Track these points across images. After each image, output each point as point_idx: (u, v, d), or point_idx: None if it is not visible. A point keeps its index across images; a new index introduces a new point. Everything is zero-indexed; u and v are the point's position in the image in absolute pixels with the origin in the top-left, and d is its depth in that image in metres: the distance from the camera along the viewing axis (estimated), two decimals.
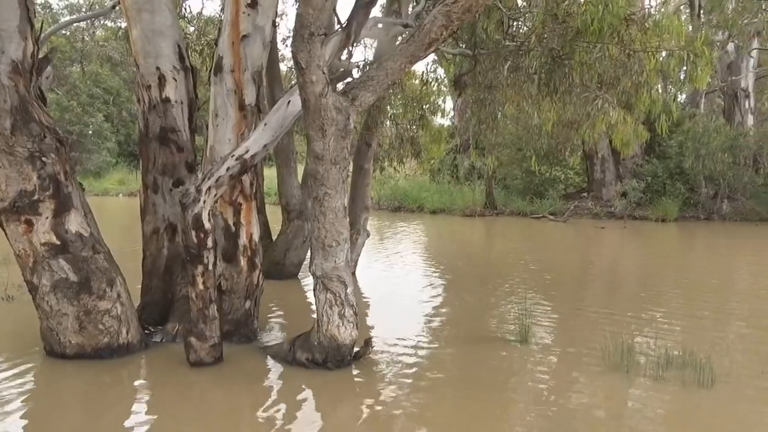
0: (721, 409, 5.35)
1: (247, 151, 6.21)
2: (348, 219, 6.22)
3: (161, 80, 7.02)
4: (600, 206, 20.53)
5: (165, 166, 7.11)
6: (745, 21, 18.48)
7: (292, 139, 10.62)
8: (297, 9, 5.67)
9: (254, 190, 7.02)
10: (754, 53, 21.06)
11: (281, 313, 8.39)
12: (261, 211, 9.82)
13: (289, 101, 6.42)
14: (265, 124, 6.35)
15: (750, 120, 21.03)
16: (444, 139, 13.99)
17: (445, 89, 13.28)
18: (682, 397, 5.52)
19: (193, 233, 5.91)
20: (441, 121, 21.44)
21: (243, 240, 6.89)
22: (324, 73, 5.69)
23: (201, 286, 5.99)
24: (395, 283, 10.74)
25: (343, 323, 6.03)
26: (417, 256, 13.52)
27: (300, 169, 10.73)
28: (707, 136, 18.74)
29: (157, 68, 7.00)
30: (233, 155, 6.15)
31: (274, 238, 10.77)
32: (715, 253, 14.77)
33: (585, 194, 22.11)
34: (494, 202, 21.19)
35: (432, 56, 11.85)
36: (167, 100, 7.06)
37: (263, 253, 7.49)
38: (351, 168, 10.91)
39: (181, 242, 6.22)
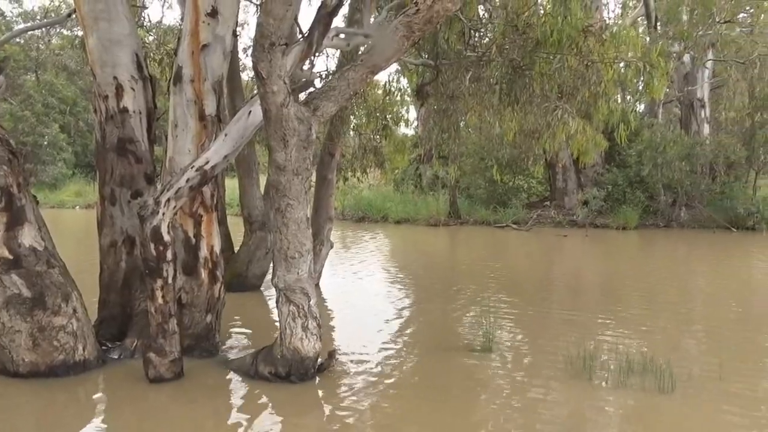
0: (680, 414, 5.42)
1: (207, 162, 6.12)
2: (311, 230, 6.17)
3: (119, 90, 6.89)
4: (562, 215, 20.79)
5: (123, 178, 6.97)
6: (700, 33, 18.96)
7: (254, 149, 10.52)
8: (258, 19, 5.62)
9: (215, 202, 6.92)
10: (709, 64, 21.60)
11: (243, 326, 8.27)
12: (222, 223, 9.69)
13: (250, 111, 6.36)
14: (226, 135, 6.27)
15: (706, 129, 21.55)
16: (407, 148, 14.05)
17: (408, 99, 13.34)
18: (642, 403, 5.58)
19: (152, 246, 5.79)
20: (405, 130, 21.54)
21: (204, 252, 6.78)
22: (285, 83, 5.64)
23: (160, 300, 5.86)
24: (359, 293, 10.69)
25: (306, 335, 5.96)
26: (381, 267, 13.48)
27: (262, 180, 10.63)
28: (665, 145, 19.13)
29: (115, 78, 6.87)
30: (193, 166, 6.06)
31: (236, 249, 10.64)
32: (674, 260, 15.05)
33: (547, 203, 22.37)
34: (458, 211, 21.30)
35: (395, 66, 11.89)
36: (125, 111, 6.93)
37: (225, 266, 7.38)
38: (314, 178, 10.86)
39: (140, 255, 6.09)
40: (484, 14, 9.44)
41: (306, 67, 7.49)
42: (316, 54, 7.28)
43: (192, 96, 6.66)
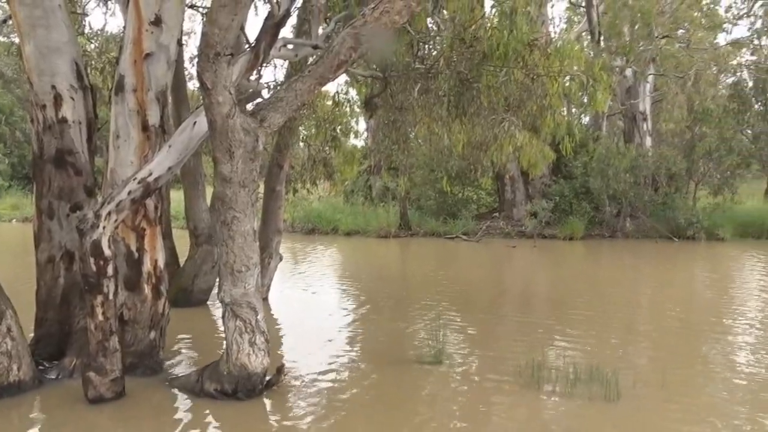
0: (625, 422, 5.49)
1: (150, 174, 5.96)
2: (258, 243, 6.06)
3: (57, 99, 6.64)
4: (511, 226, 21.03)
5: (61, 190, 6.71)
6: (641, 48, 19.53)
7: (200, 160, 10.31)
8: (203, 28, 5.52)
9: (159, 215, 6.74)
10: (650, 78, 22.25)
11: (189, 342, 8.05)
12: (167, 236, 9.49)
13: (195, 122, 6.23)
14: (170, 146, 6.13)
15: (648, 141, 22.17)
16: (357, 160, 14.00)
17: (358, 110, 13.30)
18: (589, 412, 5.66)
19: (92, 261, 5.60)
20: (354, 142, 21.51)
21: (147, 267, 6.58)
22: (231, 93, 5.55)
23: (100, 317, 5.66)
24: (309, 307, 10.55)
25: (253, 351, 5.84)
26: (331, 279, 13.38)
27: (209, 192, 10.39)
28: (610, 157, 19.58)
29: (53, 87, 6.62)
30: (135, 178, 5.90)
31: (182, 263, 10.39)
32: (620, 270, 15.37)
33: (497, 214, 22.61)
34: (408, 222, 21.34)
35: (344, 77, 11.86)
36: (64, 121, 6.68)
37: (170, 280, 7.21)
38: (262, 190, 10.71)
39: (79, 270, 5.87)
40: (432, 26, 9.49)
41: (253, 77, 7.36)
42: (264, 64, 7.17)
43: (134, 106, 6.49)
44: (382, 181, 24.19)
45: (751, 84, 21.27)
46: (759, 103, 20.52)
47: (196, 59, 5.54)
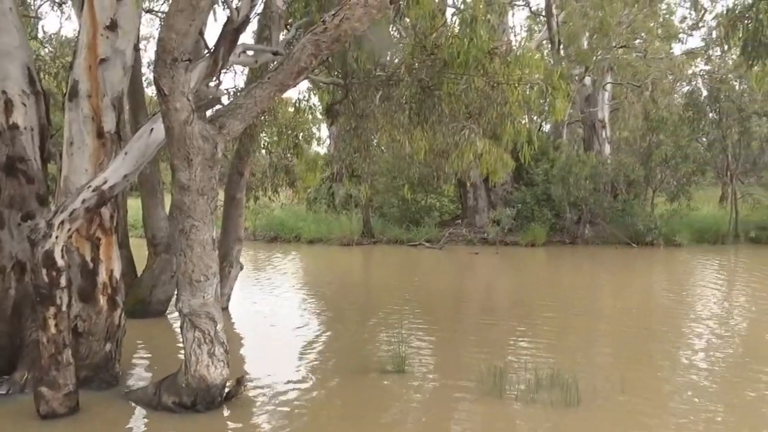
0: (585, 426, 5.54)
1: (105, 182, 5.82)
2: (218, 252, 5.96)
3: (8, 105, 6.45)
4: (474, 233, 21.12)
5: (12, 198, 6.49)
6: (599, 57, 19.85)
7: (158, 168, 10.13)
8: (159, 33, 5.41)
9: (115, 224, 6.58)
10: (608, 87, 22.64)
11: (147, 354, 7.89)
12: (124, 246, 9.28)
13: (152, 129, 6.11)
14: (126, 153, 6.00)
15: (607, 149, 22.51)
16: (319, 167, 13.93)
17: (320, 117, 13.25)
18: (550, 418, 5.68)
19: (44, 271, 5.43)
20: (317, 149, 21.43)
21: (102, 277, 6.42)
22: (189, 100, 5.45)
23: (53, 330, 5.49)
24: (270, 316, 10.42)
25: (213, 362, 5.73)
26: (293, 288, 13.25)
27: (167, 200, 10.23)
28: (570, 165, 19.83)
29: (3, 92, 6.43)
30: (90, 186, 5.75)
31: (139, 273, 10.16)
32: (580, 277, 15.55)
33: (459, 221, 22.68)
34: (371, 230, 21.28)
35: (306, 84, 11.79)
36: (15, 127, 6.48)
37: (127, 291, 7.05)
38: (223, 198, 10.57)
39: (31, 281, 5.70)
40: (395, 34, 9.50)
41: (213, 83, 7.26)
42: (223, 70, 7.08)
43: (89, 112, 6.35)
44: (345, 188, 24.09)
45: (705, 93, 21.75)
46: (713, 112, 20.97)
47: (153, 65, 5.42)
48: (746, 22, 8.64)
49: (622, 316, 10.28)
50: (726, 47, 14.55)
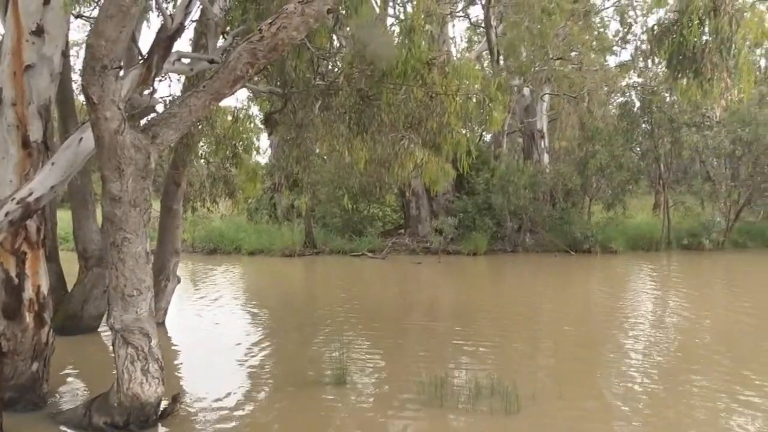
0: None
1: (30, 194, 5.59)
2: (154, 264, 5.80)
3: None
4: (416, 242, 21.19)
5: None
6: (537, 68, 20.25)
7: (90, 179, 9.78)
8: (87, 39, 5.23)
9: (42, 237, 6.31)
10: (546, 98, 23.11)
11: (77, 373, 7.58)
12: (53, 260, 8.94)
13: (82, 138, 5.91)
14: (53, 164, 5.78)
15: (546, 158, 22.95)
16: (260, 177, 13.72)
17: (261, 126, 13.06)
18: (490, 425, 5.75)
19: None
20: (258, 159, 21.12)
21: (28, 293, 6.14)
22: (120, 108, 5.28)
23: None
24: (209, 331, 10.16)
25: (147, 379, 5.54)
26: (234, 301, 12.98)
27: (100, 212, 9.88)
28: (510, 174, 20.13)
29: None
30: (14, 198, 5.51)
31: (70, 288, 9.75)
32: (521, 285, 15.77)
33: (402, 231, 22.72)
34: (314, 241, 21.08)
35: (246, 93, 11.63)
36: None
37: (56, 306, 6.76)
38: (159, 209, 10.29)
39: None
40: (336, 43, 9.45)
41: (147, 92, 7.06)
42: (158, 78, 6.89)
43: (14, 120, 6.08)
44: (287, 198, 23.83)
45: (638, 104, 22.43)
46: (645, 123, 21.65)
47: (82, 72, 5.22)
48: (672, 36, 8.94)
49: (561, 323, 10.44)
50: (651, 61, 15.08)
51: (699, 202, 22.33)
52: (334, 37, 9.19)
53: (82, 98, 13.73)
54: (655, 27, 9.70)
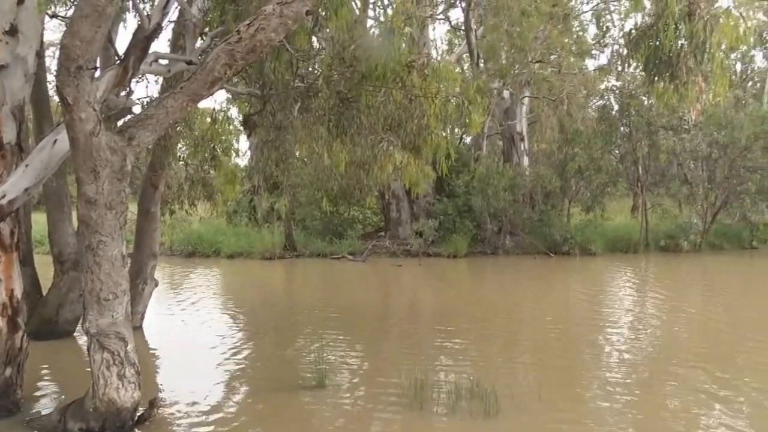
0: None
1: (3, 196, 5.54)
2: (131, 268, 5.73)
3: None
4: (397, 245, 21.17)
5: None
6: (517, 71, 20.36)
7: (66, 181, 9.63)
8: (62, 40, 5.15)
9: (16, 240, 6.20)
10: (526, 100, 23.24)
11: (52, 378, 7.47)
12: (27, 263, 8.81)
13: (56, 140, 5.83)
14: (27, 165, 5.69)
15: (525, 161, 23.07)
16: (239, 180, 13.63)
17: (240, 129, 12.98)
18: (469, 428, 5.73)
19: None
20: (238, 161, 20.98)
21: (2, 297, 6.03)
22: (95, 110, 5.21)
23: None
24: (188, 335, 10.07)
25: (123, 384, 5.48)
26: (212, 305, 12.86)
27: (76, 215, 9.74)
28: (490, 177, 20.21)
29: None
30: None
31: (45, 292, 9.61)
32: (501, 286, 15.82)
33: (383, 233, 22.70)
34: (294, 243, 20.99)
35: (225, 94, 11.55)
36: None
37: (31, 311, 6.65)
38: (136, 211, 10.19)
39: None
40: (317, 45, 9.42)
41: (123, 93, 6.99)
42: (134, 79, 6.82)
43: None
44: (267, 201, 23.69)
45: (616, 107, 22.65)
46: (624, 126, 21.85)
47: (56, 73, 5.16)
48: (648, 40, 9.03)
49: (540, 325, 10.49)
50: (627, 65, 15.25)
51: (676, 205, 22.59)
52: (314, 38, 9.19)
53: (57, 99, 13.59)
54: (632, 31, 9.79)
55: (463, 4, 21.18)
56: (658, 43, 8.73)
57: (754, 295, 13.70)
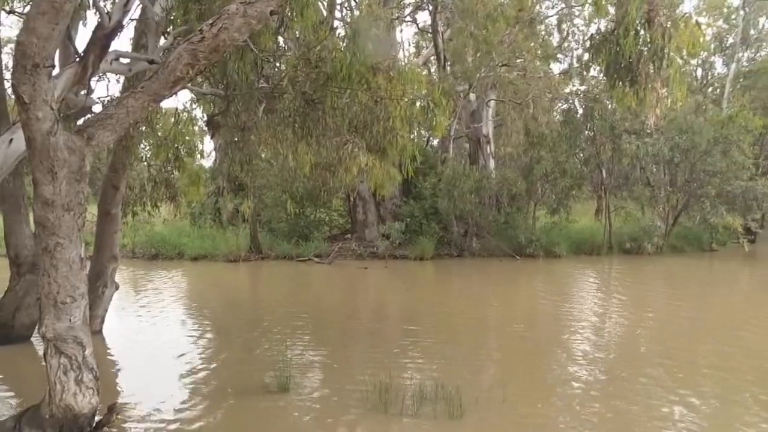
0: None
1: None
2: (91, 271, 5.60)
3: None
4: (363, 247, 21.12)
5: None
6: (483, 74, 20.50)
7: (23, 181, 9.38)
8: (18, 36, 5.03)
9: None
10: (492, 103, 23.42)
11: (7, 384, 7.28)
12: None
13: (12, 139, 5.68)
14: None
15: (491, 164, 23.22)
16: (203, 181, 13.43)
17: (205, 129, 12.80)
18: (433, 431, 5.71)
19: None
20: (203, 162, 20.73)
21: None
22: (53, 109, 5.10)
23: None
24: (150, 339, 9.89)
25: (80, 390, 5.35)
26: (175, 308, 12.66)
27: (33, 216, 9.50)
28: (456, 179, 20.29)
29: None
30: None
31: (1, 295, 9.34)
32: (467, 289, 15.86)
33: (349, 235, 22.64)
34: (259, 245, 20.79)
35: (189, 94, 11.37)
36: None
37: None
38: (96, 213, 9.98)
39: None
40: (283, 45, 9.34)
41: (83, 92, 6.84)
42: (94, 78, 6.69)
43: None
44: (232, 203, 23.42)
45: (581, 111, 22.95)
46: (588, 130, 22.16)
47: (12, 71, 5.02)
48: (609, 46, 9.16)
49: (505, 327, 10.55)
50: (586, 70, 15.52)
51: (639, 208, 22.97)
52: (280, 39, 9.11)
53: (14, 97, 13.24)
54: (595, 36, 9.93)
55: (431, 7, 21.26)
56: (618, 48, 8.86)
57: (714, 297, 14.01)
